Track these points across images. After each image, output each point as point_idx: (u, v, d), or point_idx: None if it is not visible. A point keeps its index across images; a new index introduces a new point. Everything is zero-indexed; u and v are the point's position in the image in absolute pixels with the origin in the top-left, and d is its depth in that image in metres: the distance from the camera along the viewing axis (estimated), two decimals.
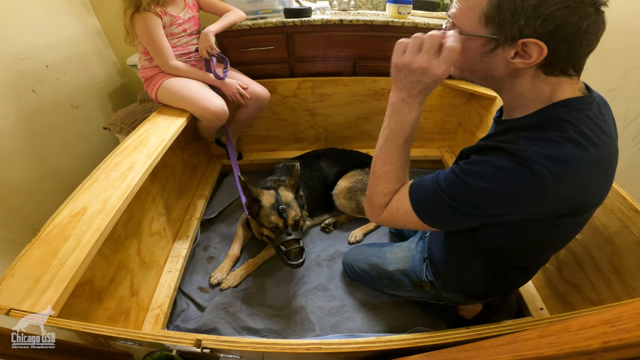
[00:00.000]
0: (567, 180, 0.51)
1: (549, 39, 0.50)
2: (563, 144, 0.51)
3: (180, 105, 1.36)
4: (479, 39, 0.55)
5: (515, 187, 0.52)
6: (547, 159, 0.50)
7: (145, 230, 1.16)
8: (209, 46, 1.40)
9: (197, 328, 1.11)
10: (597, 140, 0.53)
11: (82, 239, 0.75)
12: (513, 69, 0.55)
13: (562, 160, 0.50)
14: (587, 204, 0.58)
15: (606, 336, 0.24)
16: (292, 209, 1.16)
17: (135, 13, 1.24)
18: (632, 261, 0.84)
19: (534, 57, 0.52)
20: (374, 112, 1.80)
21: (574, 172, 0.51)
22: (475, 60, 0.58)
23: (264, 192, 1.21)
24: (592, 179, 0.53)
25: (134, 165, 0.99)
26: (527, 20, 0.50)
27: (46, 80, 1.57)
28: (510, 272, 0.77)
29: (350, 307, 1.18)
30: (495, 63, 0.56)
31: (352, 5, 1.88)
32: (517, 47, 0.53)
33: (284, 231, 1.14)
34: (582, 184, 0.53)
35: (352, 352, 0.70)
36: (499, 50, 0.55)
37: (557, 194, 0.52)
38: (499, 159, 0.54)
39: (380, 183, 0.71)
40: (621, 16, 1.08)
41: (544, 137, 0.52)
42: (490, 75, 0.59)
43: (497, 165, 0.54)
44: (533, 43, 0.51)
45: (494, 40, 0.54)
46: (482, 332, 0.72)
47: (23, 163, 1.44)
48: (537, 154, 0.51)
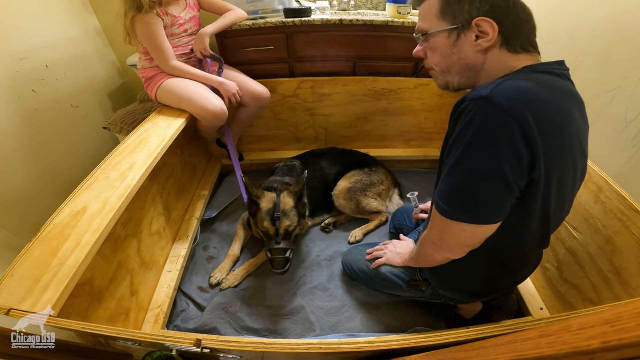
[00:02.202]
0: (528, 100, 0.54)
1: (493, 15, 0.62)
2: (515, 80, 0.57)
3: (179, 106, 1.36)
4: (444, 34, 0.67)
5: (490, 124, 0.55)
6: (504, 93, 0.54)
7: (145, 230, 1.16)
8: (203, 48, 1.40)
9: (197, 328, 1.11)
10: (548, 88, 0.58)
11: (82, 239, 0.75)
12: (481, 51, 0.64)
13: (518, 87, 0.55)
14: (563, 141, 0.58)
15: (606, 336, 0.24)
16: (287, 218, 1.15)
17: (136, 15, 1.24)
18: (632, 261, 0.84)
19: (491, 34, 0.62)
20: (374, 112, 1.80)
21: (532, 94, 0.55)
22: (448, 55, 0.68)
23: (265, 194, 1.20)
24: (552, 104, 0.56)
25: (134, 165, 0.99)
26: (470, 4, 0.63)
27: (46, 80, 1.57)
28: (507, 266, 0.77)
29: (350, 307, 1.18)
30: (465, 50, 0.66)
31: (352, 5, 1.88)
32: (474, 30, 0.63)
33: (274, 239, 1.14)
34: (544, 104, 0.55)
35: (352, 352, 0.70)
36: (462, 38, 0.65)
37: (529, 115, 0.53)
38: (467, 114, 0.57)
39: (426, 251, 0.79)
40: (622, 16, 1.08)
41: (500, 79, 0.59)
42: (466, 65, 0.67)
43: (469, 120, 0.57)
44: (483, 21, 0.62)
45: (455, 29, 0.65)
46: (482, 332, 0.72)
47: (23, 163, 1.44)
48: (495, 90, 0.55)
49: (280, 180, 1.43)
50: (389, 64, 1.67)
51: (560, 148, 0.58)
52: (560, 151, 0.58)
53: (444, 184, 0.63)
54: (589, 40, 1.20)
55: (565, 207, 0.71)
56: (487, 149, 0.55)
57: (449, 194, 0.62)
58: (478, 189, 0.58)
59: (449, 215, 0.62)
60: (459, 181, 0.60)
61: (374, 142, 1.90)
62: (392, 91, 1.72)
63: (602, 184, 0.96)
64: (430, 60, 0.72)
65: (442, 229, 0.66)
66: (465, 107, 0.57)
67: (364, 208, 1.46)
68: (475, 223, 0.61)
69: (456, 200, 0.61)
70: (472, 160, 0.57)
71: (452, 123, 0.62)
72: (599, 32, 1.16)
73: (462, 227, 0.62)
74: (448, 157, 0.62)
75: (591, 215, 0.98)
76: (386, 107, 1.78)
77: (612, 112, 1.12)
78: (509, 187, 0.57)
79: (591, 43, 1.19)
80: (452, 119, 0.62)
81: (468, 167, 0.58)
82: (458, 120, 0.59)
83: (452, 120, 0.62)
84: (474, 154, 0.56)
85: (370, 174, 1.52)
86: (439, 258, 0.73)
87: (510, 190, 0.57)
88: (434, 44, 0.69)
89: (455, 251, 0.68)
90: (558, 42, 1.33)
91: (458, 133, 0.58)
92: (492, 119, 0.54)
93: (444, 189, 0.62)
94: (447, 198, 0.62)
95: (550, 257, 1.12)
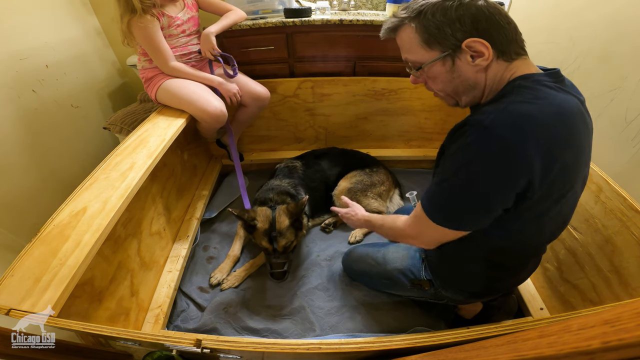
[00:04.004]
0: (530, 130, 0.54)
1: (478, 32, 0.60)
2: (518, 104, 0.57)
3: (179, 106, 1.36)
4: (438, 62, 0.65)
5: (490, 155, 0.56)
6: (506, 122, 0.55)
7: (145, 230, 1.16)
8: (212, 47, 1.40)
9: (197, 328, 1.11)
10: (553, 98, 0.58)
11: (82, 239, 0.75)
12: (481, 69, 0.63)
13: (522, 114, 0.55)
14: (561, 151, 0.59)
15: (606, 336, 0.24)
16: (283, 237, 1.17)
17: (131, 18, 1.23)
18: (632, 261, 0.84)
19: (486, 53, 0.60)
20: (374, 112, 1.80)
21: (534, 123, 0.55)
22: (449, 79, 0.67)
23: (260, 211, 1.21)
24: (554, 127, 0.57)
25: (134, 165, 0.99)
26: (450, 26, 0.60)
27: (46, 80, 1.57)
28: (508, 267, 0.78)
29: (350, 307, 1.18)
30: (465, 73, 0.64)
31: (352, 5, 1.88)
32: (466, 51, 0.62)
33: (272, 255, 1.18)
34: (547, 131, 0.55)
35: (352, 352, 0.70)
36: (457, 62, 0.64)
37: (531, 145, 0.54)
38: (466, 138, 0.59)
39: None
40: (622, 17, 1.08)
41: (501, 104, 0.59)
42: (469, 85, 0.66)
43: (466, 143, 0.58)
44: (473, 42, 0.60)
45: (447, 56, 0.63)
46: (482, 332, 0.72)
47: (23, 163, 1.44)
48: (497, 119, 0.56)
49: (278, 187, 1.40)
50: (389, 64, 1.67)
51: (564, 166, 0.59)
52: (564, 169, 0.59)
53: (434, 190, 0.67)
54: (588, 40, 1.20)
55: (568, 216, 0.72)
56: (479, 174, 0.58)
57: (437, 202, 0.66)
58: (463, 206, 0.63)
59: (435, 219, 0.66)
60: (447, 194, 0.64)
61: (374, 142, 1.90)
62: (392, 91, 1.72)
63: (602, 184, 0.96)
64: (433, 87, 0.72)
65: (424, 227, 0.70)
66: (466, 130, 0.59)
67: (364, 208, 1.46)
68: (457, 230, 0.67)
69: (444, 209, 0.66)
70: (463, 180, 0.60)
71: (451, 139, 0.65)
72: (599, 31, 1.16)
73: (444, 230, 0.67)
74: (441, 168, 0.65)
75: (591, 215, 0.98)
76: (386, 107, 1.78)
77: (612, 112, 1.12)
78: (490, 212, 0.62)
79: (591, 42, 1.19)
80: (451, 136, 0.65)
81: (458, 185, 0.61)
82: (458, 139, 0.61)
83: (451, 136, 0.65)
84: (465, 175, 0.60)
85: (370, 174, 1.52)
86: (411, 243, 0.79)
87: (491, 214, 0.63)
88: (432, 74, 0.68)
89: (430, 245, 0.75)
90: (558, 42, 1.33)
91: (455, 151, 0.61)
92: (490, 150, 0.56)
93: (433, 197, 0.67)
94: (436, 205, 0.67)
95: (550, 257, 1.12)
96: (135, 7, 1.20)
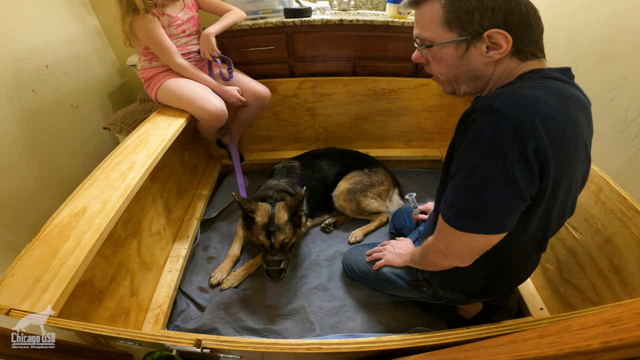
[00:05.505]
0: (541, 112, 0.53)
1: (506, 25, 0.58)
2: (525, 89, 0.56)
3: (179, 106, 1.36)
4: (450, 45, 0.62)
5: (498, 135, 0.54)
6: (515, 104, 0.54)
7: (145, 230, 1.16)
8: (211, 48, 1.40)
9: (197, 328, 1.11)
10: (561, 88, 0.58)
11: (82, 239, 0.75)
12: (492, 62, 0.61)
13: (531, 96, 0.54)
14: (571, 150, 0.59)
15: (606, 336, 0.24)
16: (282, 232, 1.16)
17: (133, 19, 1.24)
18: (632, 261, 0.84)
19: (505, 46, 0.59)
20: (374, 112, 1.80)
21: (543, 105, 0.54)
22: (455, 65, 0.64)
23: (259, 207, 1.20)
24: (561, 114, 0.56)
25: (134, 165, 0.99)
26: (480, 13, 0.57)
27: (46, 80, 1.57)
28: (507, 268, 0.77)
29: (350, 307, 1.18)
30: (474, 62, 0.62)
31: (352, 5, 1.88)
32: (485, 41, 0.59)
33: (269, 251, 1.16)
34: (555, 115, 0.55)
35: (352, 352, 0.70)
36: (472, 49, 0.61)
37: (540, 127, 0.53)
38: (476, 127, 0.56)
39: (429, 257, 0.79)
40: (622, 17, 1.08)
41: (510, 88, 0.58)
42: (473, 75, 0.64)
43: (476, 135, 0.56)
44: (496, 33, 0.58)
45: (463, 41, 0.61)
46: (482, 332, 0.72)
47: (23, 163, 1.44)
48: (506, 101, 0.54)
49: (276, 186, 1.40)
50: (389, 64, 1.67)
51: (568, 157, 0.58)
52: (568, 160, 0.58)
53: (452, 195, 0.62)
54: (588, 40, 1.20)
55: (567, 212, 0.71)
56: (500, 161, 0.54)
57: (459, 206, 0.61)
58: (492, 202, 0.58)
59: (461, 227, 0.61)
60: (470, 194, 0.59)
61: (374, 142, 1.90)
62: (392, 91, 1.72)
63: (602, 184, 0.96)
64: (435, 69, 0.69)
65: (451, 239, 0.65)
66: (475, 118, 0.56)
67: (364, 209, 1.46)
68: (488, 233, 0.60)
69: (468, 212, 0.60)
70: (485, 173, 0.56)
71: (460, 132, 0.60)
72: (599, 31, 1.16)
73: (473, 237, 0.61)
74: (456, 168, 0.60)
75: (591, 215, 0.98)
76: (386, 107, 1.78)
77: (612, 112, 1.12)
78: (523, 198, 0.57)
79: (591, 42, 1.19)
80: (460, 128, 0.61)
81: (481, 180, 0.57)
82: (467, 131, 0.58)
83: (460, 129, 0.61)
84: (486, 168, 0.55)
85: (370, 175, 1.52)
86: (446, 264, 0.73)
87: (523, 200, 0.57)
88: (439, 55, 0.65)
89: (464, 259, 0.68)
90: (558, 42, 1.33)
91: (468, 145, 0.57)
92: (504, 132, 0.53)
93: (453, 201, 0.61)
94: (458, 210, 0.61)
95: (550, 257, 1.12)
96: (138, 6, 1.21)
